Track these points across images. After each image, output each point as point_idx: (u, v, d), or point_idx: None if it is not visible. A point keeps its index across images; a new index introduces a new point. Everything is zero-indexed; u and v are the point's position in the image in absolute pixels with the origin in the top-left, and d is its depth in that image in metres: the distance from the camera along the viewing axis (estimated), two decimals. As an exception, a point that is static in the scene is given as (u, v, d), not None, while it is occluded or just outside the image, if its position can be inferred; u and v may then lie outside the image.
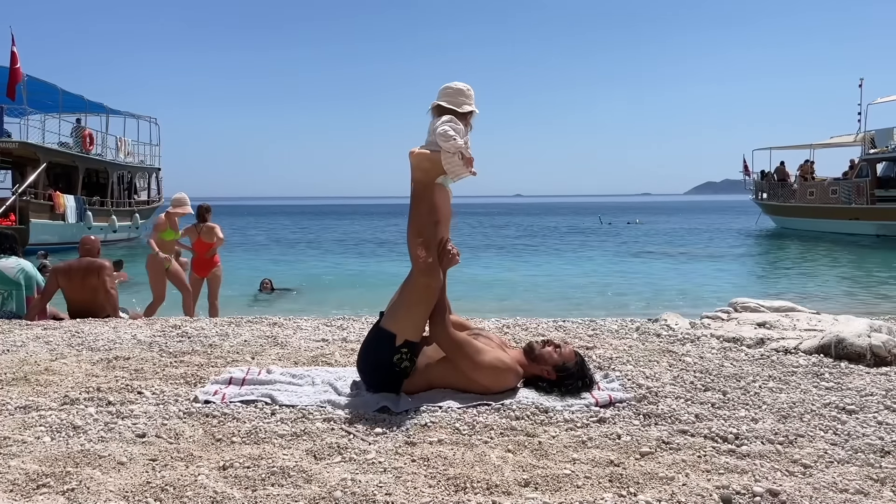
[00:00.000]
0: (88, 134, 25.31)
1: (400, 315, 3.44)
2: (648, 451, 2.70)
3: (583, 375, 3.50)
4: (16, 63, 20.37)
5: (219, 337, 5.10)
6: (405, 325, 3.41)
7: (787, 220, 32.09)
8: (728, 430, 2.90)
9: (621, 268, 19.49)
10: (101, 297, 6.63)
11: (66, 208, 22.24)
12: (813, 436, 2.88)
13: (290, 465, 2.53)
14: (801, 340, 4.59)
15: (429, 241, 3.43)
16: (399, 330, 3.41)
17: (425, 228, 3.45)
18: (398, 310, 3.45)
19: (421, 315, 3.44)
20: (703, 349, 4.55)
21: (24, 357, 4.37)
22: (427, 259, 3.40)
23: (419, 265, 3.41)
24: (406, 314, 3.42)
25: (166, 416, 3.13)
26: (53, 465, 2.53)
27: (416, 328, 3.45)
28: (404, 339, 3.40)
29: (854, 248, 23.24)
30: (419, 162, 3.48)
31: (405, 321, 3.42)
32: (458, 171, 3.43)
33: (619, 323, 5.61)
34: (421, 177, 3.48)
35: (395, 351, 3.40)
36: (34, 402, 3.31)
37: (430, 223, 3.46)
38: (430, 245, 3.43)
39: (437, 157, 3.43)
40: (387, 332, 3.42)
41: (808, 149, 32.70)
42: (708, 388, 3.59)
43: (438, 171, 3.45)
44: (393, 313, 3.46)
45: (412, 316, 3.43)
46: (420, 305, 3.42)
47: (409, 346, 3.42)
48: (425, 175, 3.48)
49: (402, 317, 3.43)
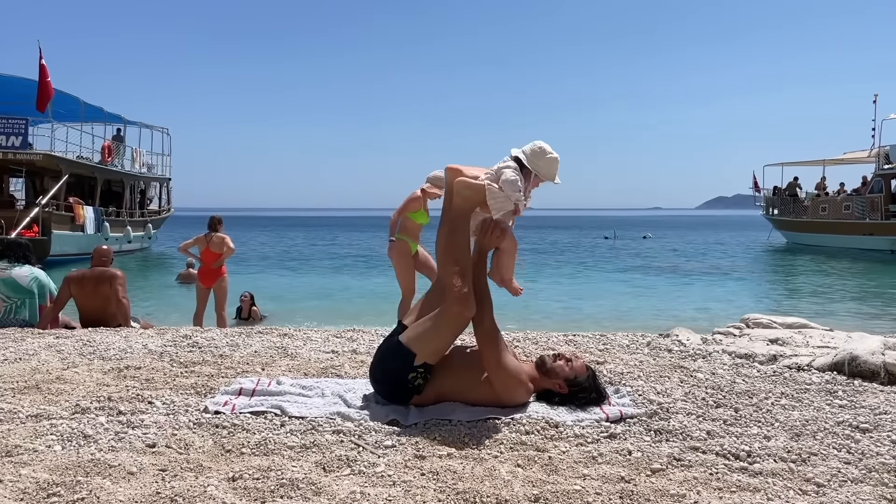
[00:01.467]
0: (107, 145, 25.60)
1: (424, 338, 3.40)
2: (659, 468, 2.68)
3: (595, 389, 3.49)
4: (46, 76, 20.61)
5: (229, 347, 5.12)
6: (427, 350, 3.39)
7: (799, 235, 31.92)
8: (740, 448, 2.87)
9: (632, 282, 19.42)
10: (113, 306, 6.67)
11: (86, 219, 22.46)
12: (826, 454, 2.85)
13: (300, 477, 2.52)
14: (814, 357, 4.55)
15: (465, 270, 3.39)
16: (420, 351, 3.38)
17: (462, 257, 3.42)
18: (423, 331, 3.41)
19: (446, 342, 3.43)
20: (714, 365, 4.52)
21: (37, 365, 4.39)
22: (463, 289, 3.35)
23: (455, 294, 3.36)
24: (431, 339, 3.39)
25: (176, 426, 3.13)
26: (64, 475, 2.53)
27: (438, 353, 3.43)
28: (423, 360, 3.39)
29: (868, 264, 23.08)
30: (461, 188, 3.45)
31: (429, 345, 3.39)
32: (499, 209, 3.40)
33: (630, 338, 5.58)
34: (461, 204, 3.46)
35: (412, 370, 3.39)
36: (45, 411, 3.33)
37: (466, 252, 3.44)
38: (466, 274, 3.39)
39: (479, 188, 3.39)
40: (406, 350, 3.39)
41: (821, 165, 32.57)
42: (720, 404, 3.56)
43: (479, 200, 3.43)
44: (417, 333, 3.42)
45: (437, 341, 3.40)
46: (448, 333, 3.40)
47: (427, 367, 3.41)
48: (465, 203, 3.46)
49: (427, 340, 3.39)
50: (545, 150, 3.45)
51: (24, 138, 21.23)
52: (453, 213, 3.48)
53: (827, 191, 31.09)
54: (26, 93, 21.35)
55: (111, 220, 24.73)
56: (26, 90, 21.38)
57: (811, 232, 30.43)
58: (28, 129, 21.51)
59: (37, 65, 20.46)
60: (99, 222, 23.53)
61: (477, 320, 3.43)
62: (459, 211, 3.47)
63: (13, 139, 21.08)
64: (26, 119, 21.51)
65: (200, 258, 9.49)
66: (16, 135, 21.12)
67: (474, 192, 3.42)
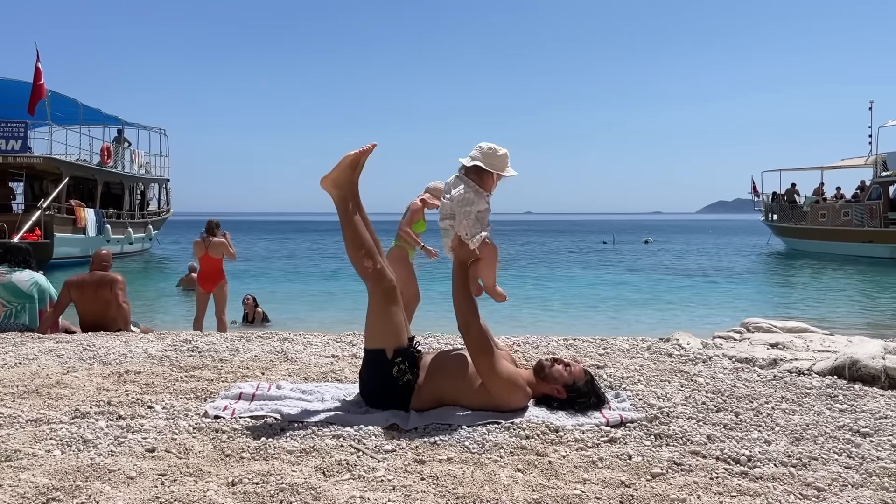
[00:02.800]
0: (106, 147, 25.63)
1: (373, 328, 3.45)
2: (660, 473, 2.67)
3: (594, 394, 3.49)
4: (39, 79, 20.67)
5: (229, 352, 5.11)
6: (383, 335, 3.42)
7: (798, 241, 31.93)
8: (740, 452, 2.87)
9: (633, 286, 19.42)
10: (113, 310, 6.67)
11: (87, 221, 22.48)
12: (827, 459, 2.85)
13: (299, 481, 2.52)
14: (814, 362, 4.55)
15: (370, 252, 3.48)
16: (381, 341, 3.42)
17: (365, 242, 3.50)
18: (370, 325, 3.47)
19: (392, 317, 3.44)
20: (715, 369, 4.52)
21: (36, 370, 4.39)
22: (375, 266, 3.45)
23: (368, 276, 3.45)
24: (378, 324, 3.44)
25: (176, 430, 3.13)
26: (63, 479, 2.53)
27: (396, 332, 3.44)
28: (393, 349, 3.40)
29: (867, 270, 23.06)
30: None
31: (381, 331, 3.43)
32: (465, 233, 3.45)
33: (630, 342, 5.58)
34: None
35: (391, 364, 3.39)
36: (45, 416, 3.32)
37: (366, 236, 3.51)
38: (372, 254, 3.48)
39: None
40: (374, 351, 3.44)
41: (819, 171, 32.59)
42: (720, 408, 3.56)
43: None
44: (368, 331, 3.49)
45: (383, 322, 3.43)
46: (384, 308, 3.44)
47: (403, 353, 3.42)
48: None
49: (377, 329, 3.44)
50: (495, 149, 3.52)
51: (23, 142, 21.26)
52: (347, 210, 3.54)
53: (825, 196, 31.11)
54: (25, 96, 21.40)
55: (112, 222, 24.76)
56: (25, 94, 21.42)
57: (810, 238, 30.44)
58: (28, 133, 21.54)
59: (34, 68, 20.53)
60: (100, 224, 23.55)
61: (464, 329, 3.44)
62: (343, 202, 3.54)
63: (13, 143, 21.11)
64: (25, 122, 21.55)
65: (199, 262, 9.49)
66: (15, 138, 21.16)
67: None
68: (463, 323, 3.44)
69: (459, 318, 3.47)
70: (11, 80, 22.58)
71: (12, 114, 21.95)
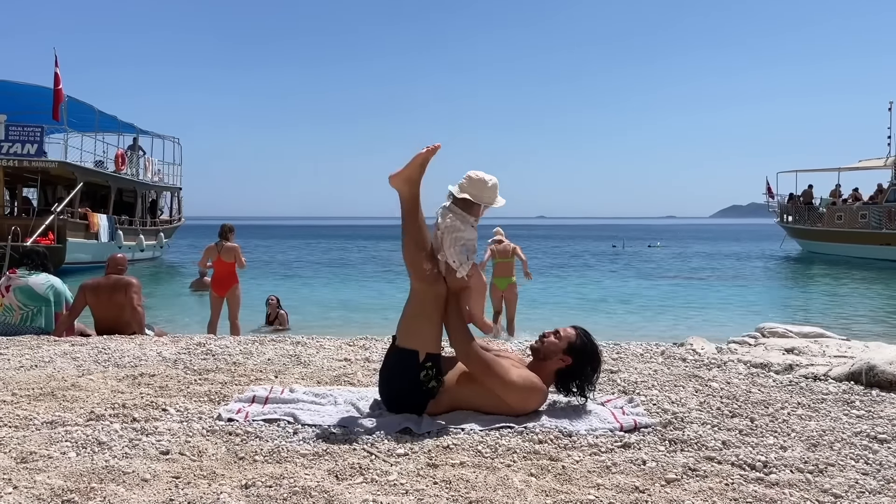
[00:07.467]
0: (121, 154, 25.80)
1: (414, 329, 3.40)
2: (674, 478, 2.65)
3: (593, 344, 3.52)
4: (58, 84, 20.84)
5: (242, 355, 5.13)
6: (423, 338, 3.38)
7: (814, 244, 31.64)
8: (756, 458, 2.84)
9: (646, 291, 19.31)
10: (128, 314, 6.70)
11: (100, 227, 22.63)
12: (844, 465, 2.82)
13: (312, 485, 2.52)
14: (830, 367, 4.51)
15: (431, 254, 3.43)
16: (418, 344, 3.38)
17: (427, 245, 3.45)
18: (412, 324, 3.41)
19: (434, 323, 3.41)
20: (729, 374, 4.48)
21: (52, 373, 4.43)
22: (433, 270, 3.40)
23: (419, 275, 3.40)
24: (420, 327, 3.39)
25: (190, 433, 3.14)
26: (78, 481, 2.54)
27: (435, 338, 3.42)
28: (426, 353, 3.38)
29: (884, 274, 22.83)
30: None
31: (421, 334, 3.38)
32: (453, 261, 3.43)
33: (644, 347, 5.55)
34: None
35: (421, 367, 3.37)
36: (61, 418, 3.35)
37: (428, 239, 3.47)
38: (432, 257, 3.43)
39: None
40: (407, 351, 3.39)
41: (836, 172, 32.30)
42: (735, 414, 3.53)
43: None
44: (407, 330, 3.42)
45: (426, 326, 3.39)
46: (429, 311, 3.40)
47: (434, 359, 3.39)
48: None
49: (417, 331, 3.39)
50: (484, 180, 3.48)
51: (39, 146, 21.41)
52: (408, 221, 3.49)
53: (843, 197, 30.78)
54: (41, 101, 21.56)
55: (124, 229, 24.91)
56: (41, 98, 21.59)
57: (827, 241, 30.15)
58: (43, 138, 21.71)
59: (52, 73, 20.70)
60: (112, 231, 23.70)
61: (463, 358, 3.43)
62: (412, 211, 3.48)
63: (28, 147, 21.26)
64: (42, 127, 21.71)
65: (213, 267, 9.53)
66: (31, 143, 21.31)
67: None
68: (462, 354, 3.42)
69: (457, 348, 3.45)
70: (28, 84, 22.77)
71: (28, 118, 22.12)
